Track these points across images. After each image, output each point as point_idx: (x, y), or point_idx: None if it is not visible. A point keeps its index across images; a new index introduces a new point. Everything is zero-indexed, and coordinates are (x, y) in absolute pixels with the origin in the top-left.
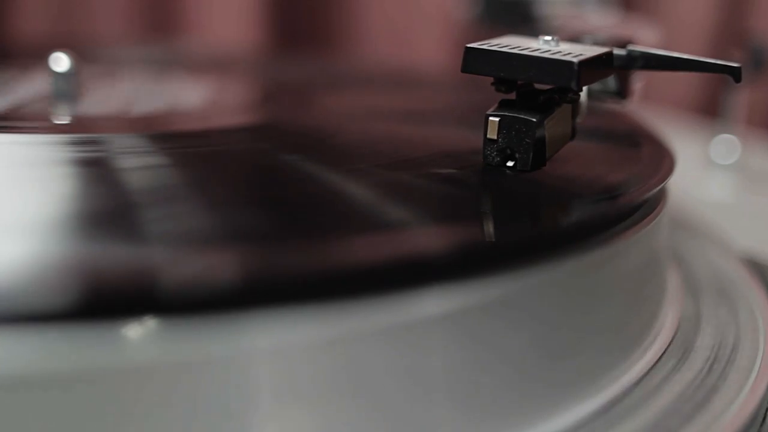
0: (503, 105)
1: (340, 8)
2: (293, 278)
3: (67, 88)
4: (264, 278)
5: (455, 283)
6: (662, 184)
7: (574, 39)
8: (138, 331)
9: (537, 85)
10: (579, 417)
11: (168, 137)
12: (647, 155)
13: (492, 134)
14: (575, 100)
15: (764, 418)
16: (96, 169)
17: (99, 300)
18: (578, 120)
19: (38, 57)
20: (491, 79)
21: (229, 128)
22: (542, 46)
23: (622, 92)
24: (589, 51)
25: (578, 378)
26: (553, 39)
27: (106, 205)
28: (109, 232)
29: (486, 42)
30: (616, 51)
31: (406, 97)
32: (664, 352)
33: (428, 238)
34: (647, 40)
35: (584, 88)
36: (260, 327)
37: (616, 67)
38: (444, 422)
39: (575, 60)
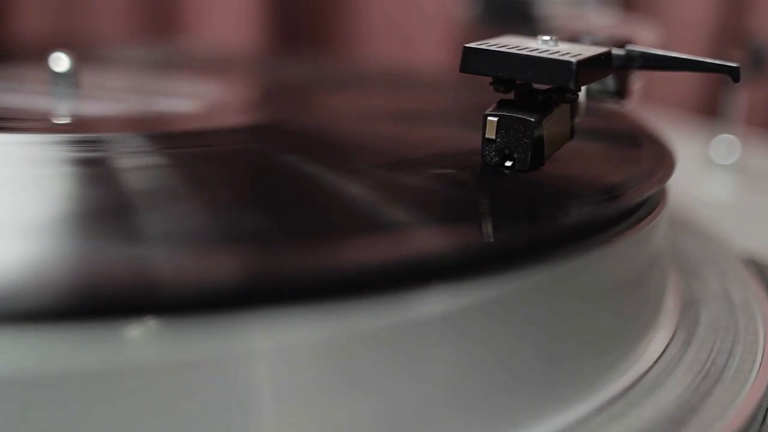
0: (502, 105)
1: (340, 8)
2: (293, 278)
3: (67, 88)
4: (264, 278)
5: (454, 284)
6: (662, 184)
7: (573, 39)
8: (138, 331)
9: (536, 85)
10: (577, 418)
11: (168, 137)
12: (647, 155)
13: (490, 134)
14: (574, 100)
15: (764, 418)
16: (96, 169)
17: (99, 300)
18: (577, 120)
19: (38, 57)
20: (490, 79)
21: (229, 128)
22: (541, 46)
23: (621, 92)
24: (588, 51)
25: (576, 378)
26: (551, 39)
27: (106, 205)
28: (110, 233)
29: (484, 42)
30: (615, 51)
31: (406, 97)
32: (664, 352)
33: (427, 239)
34: (646, 40)
35: (583, 88)
36: (261, 327)
37: (614, 67)
38: (444, 422)
39: (573, 60)
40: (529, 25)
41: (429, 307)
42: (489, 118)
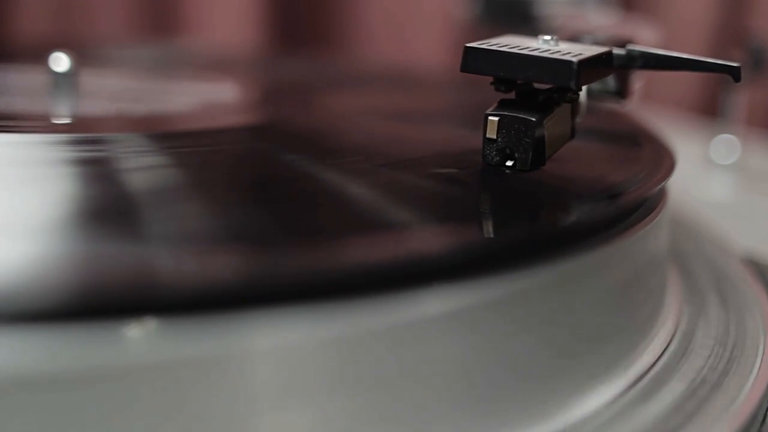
0: (502, 104)
1: (340, 8)
2: (293, 278)
3: (67, 88)
4: (264, 278)
5: (455, 284)
6: (662, 184)
7: (574, 39)
8: (138, 331)
9: (536, 85)
10: (577, 418)
11: (168, 137)
12: (647, 155)
13: (491, 134)
14: (574, 100)
15: (764, 418)
16: (96, 169)
17: (99, 300)
18: (578, 120)
19: (38, 57)
20: (491, 79)
21: (229, 128)
22: (541, 45)
23: (622, 92)
24: (589, 50)
25: (575, 378)
26: (552, 38)
27: (106, 205)
28: (110, 232)
29: (485, 41)
30: (616, 50)
31: (406, 97)
32: (664, 352)
33: (428, 238)
34: (647, 40)
35: (584, 88)
36: (261, 327)
37: (615, 67)
38: (445, 422)
39: (574, 59)
40: (530, 25)
41: (429, 307)
42: (490, 117)
